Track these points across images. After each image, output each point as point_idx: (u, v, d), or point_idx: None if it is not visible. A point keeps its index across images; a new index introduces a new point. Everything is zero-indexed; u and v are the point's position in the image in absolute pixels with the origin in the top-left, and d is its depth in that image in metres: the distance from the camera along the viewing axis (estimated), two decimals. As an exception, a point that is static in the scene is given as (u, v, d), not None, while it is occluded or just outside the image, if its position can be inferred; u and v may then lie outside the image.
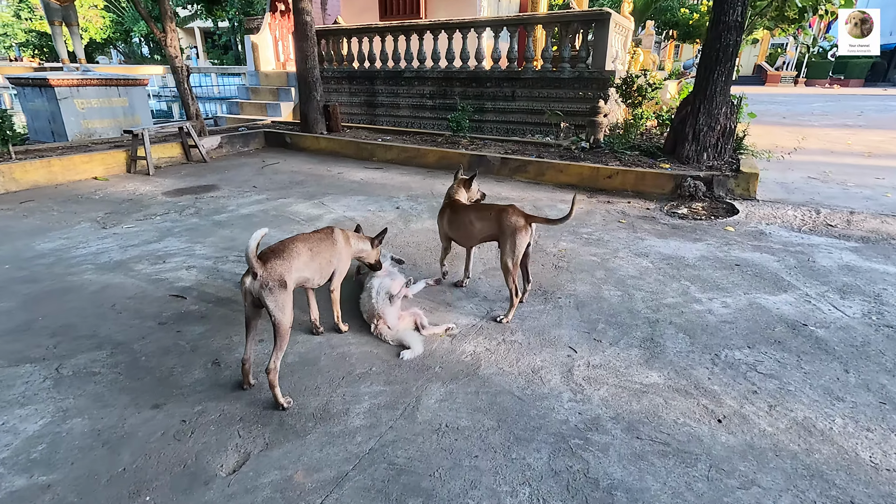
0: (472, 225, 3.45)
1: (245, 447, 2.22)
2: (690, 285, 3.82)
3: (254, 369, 2.61)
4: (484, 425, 2.37)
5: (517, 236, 3.27)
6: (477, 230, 3.46)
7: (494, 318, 3.37)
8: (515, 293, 3.33)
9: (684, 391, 2.61)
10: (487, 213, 3.43)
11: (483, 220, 3.42)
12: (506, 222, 3.31)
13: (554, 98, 9.23)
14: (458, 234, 3.60)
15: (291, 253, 2.53)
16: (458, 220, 3.55)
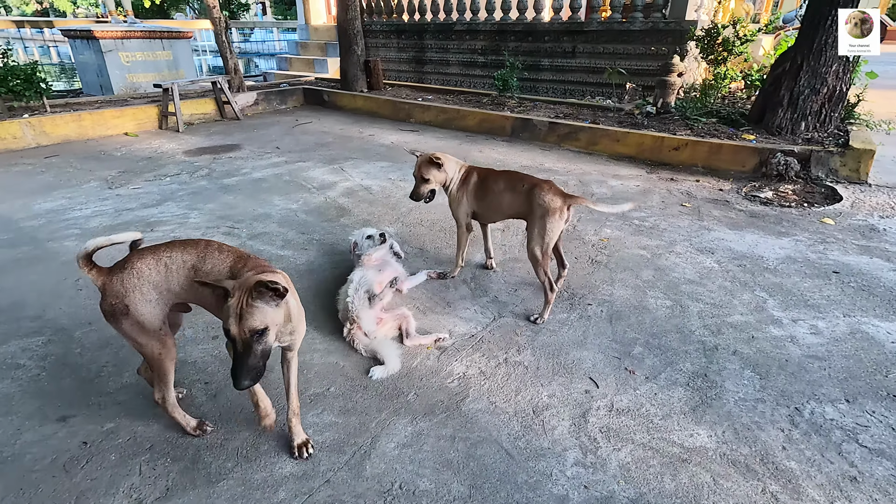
0: (501, 195, 2.81)
1: (140, 492, 1.74)
2: (768, 298, 2.92)
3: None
4: (451, 492, 1.75)
5: (549, 219, 2.59)
6: (505, 204, 2.81)
7: (528, 318, 2.75)
8: (550, 287, 2.68)
9: (744, 466, 1.84)
10: (520, 183, 2.75)
11: (513, 193, 2.76)
12: (538, 200, 2.62)
13: (620, 54, 7.99)
14: (482, 205, 2.93)
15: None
16: (485, 187, 2.89)
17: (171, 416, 1.91)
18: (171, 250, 1.77)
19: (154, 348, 1.76)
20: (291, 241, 3.72)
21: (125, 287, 1.69)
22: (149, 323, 1.73)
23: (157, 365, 1.80)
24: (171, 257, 1.75)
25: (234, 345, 1.50)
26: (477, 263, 3.39)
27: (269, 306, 1.52)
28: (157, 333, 1.75)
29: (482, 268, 3.32)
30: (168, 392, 1.86)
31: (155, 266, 1.73)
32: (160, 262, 1.74)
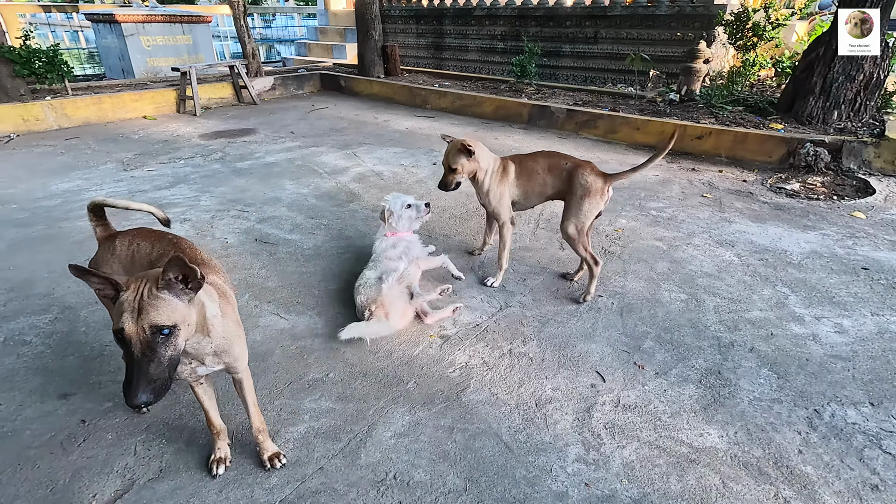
0: (544, 177, 2.72)
1: (133, 472, 1.73)
2: (790, 294, 2.78)
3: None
4: (446, 484, 1.70)
5: (589, 199, 2.58)
6: (549, 185, 2.72)
7: (575, 300, 2.73)
8: (594, 261, 2.66)
9: (757, 469, 1.75)
10: (562, 162, 2.68)
11: (554, 173, 2.69)
12: (580, 180, 2.58)
13: (644, 40, 7.73)
14: (523, 192, 2.80)
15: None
16: (527, 173, 2.77)
17: None
18: (143, 239, 1.73)
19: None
20: (300, 226, 3.69)
21: (103, 258, 1.72)
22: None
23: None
24: (140, 246, 1.70)
25: (128, 348, 1.18)
26: (484, 255, 3.31)
27: (180, 300, 1.24)
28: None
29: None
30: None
31: (127, 249, 1.70)
32: (131, 247, 1.71)
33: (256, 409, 1.74)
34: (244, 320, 2.53)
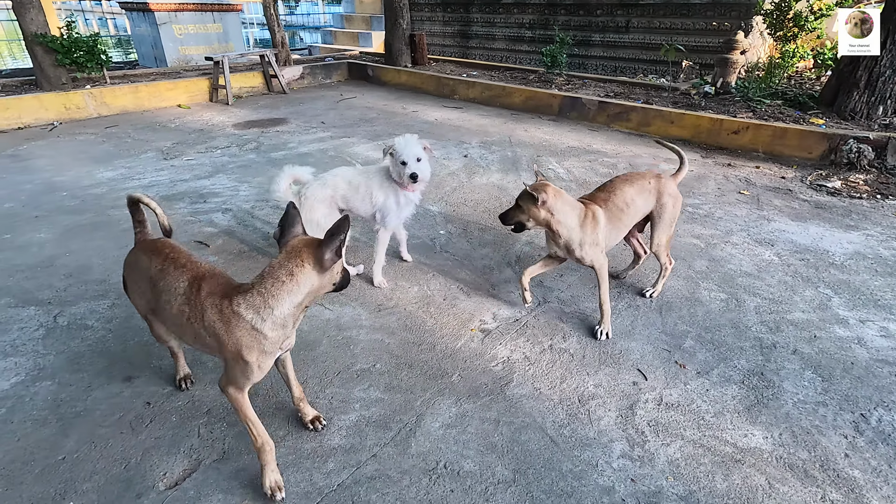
0: (633, 207, 2.49)
1: (199, 452, 1.84)
2: (833, 296, 2.75)
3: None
4: (495, 474, 1.76)
5: (676, 207, 2.60)
6: (640, 212, 2.54)
7: (641, 293, 2.78)
8: (670, 262, 2.73)
9: (803, 471, 1.77)
10: (645, 182, 2.54)
11: (643, 195, 2.52)
12: (668, 192, 2.56)
13: (678, 29, 7.56)
14: (620, 227, 2.50)
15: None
16: (617, 209, 2.45)
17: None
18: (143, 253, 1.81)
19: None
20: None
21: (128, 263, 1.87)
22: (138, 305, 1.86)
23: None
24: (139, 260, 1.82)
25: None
26: (520, 250, 3.34)
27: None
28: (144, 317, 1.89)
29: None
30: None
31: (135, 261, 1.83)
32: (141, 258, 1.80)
33: (297, 382, 1.91)
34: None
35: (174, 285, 1.63)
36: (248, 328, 1.48)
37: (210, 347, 1.61)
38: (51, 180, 4.38)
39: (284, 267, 1.46)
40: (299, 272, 1.46)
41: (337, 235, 1.44)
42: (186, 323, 1.59)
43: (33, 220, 3.62)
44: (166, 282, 1.65)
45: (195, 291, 1.58)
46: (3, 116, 5.91)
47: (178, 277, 1.64)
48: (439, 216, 3.79)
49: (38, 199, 3.98)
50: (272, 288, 1.46)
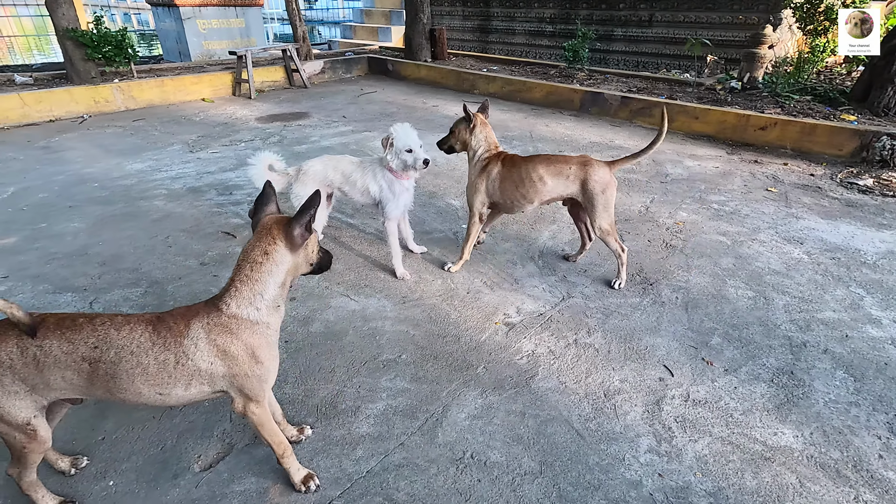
0: (543, 182, 2.64)
1: (231, 437, 1.88)
2: (865, 295, 2.70)
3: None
4: (521, 466, 1.77)
5: (608, 192, 2.60)
6: (547, 189, 2.66)
7: (609, 284, 2.81)
8: (622, 249, 2.72)
9: (835, 471, 1.74)
10: (564, 167, 2.63)
11: (558, 177, 2.64)
12: (594, 178, 2.58)
13: (703, 23, 7.43)
14: (515, 194, 2.70)
15: (17, 350, 1.30)
16: (517, 176, 2.67)
17: (24, 493, 1.55)
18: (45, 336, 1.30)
19: (19, 440, 1.40)
20: (360, 210, 3.79)
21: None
22: (10, 416, 1.35)
23: (18, 454, 1.45)
24: (43, 348, 1.30)
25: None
26: (543, 244, 3.33)
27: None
28: (21, 427, 1.38)
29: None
30: (26, 474, 1.51)
31: (19, 355, 1.30)
32: (27, 352, 1.30)
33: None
34: (317, 300, 2.67)
35: (128, 343, 1.33)
36: (250, 325, 1.40)
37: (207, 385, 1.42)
38: (81, 172, 4.50)
39: (258, 247, 1.41)
40: (273, 250, 1.41)
41: (307, 211, 1.40)
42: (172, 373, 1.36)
43: (67, 210, 3.73)
44: (112, 347, 1.32)
45: (167, 332, 1.36)
46: (36, 109, 6.07)
47: (127, 335, 1.34)
48: (461, 210, 3.80)
49: (70, 190, 4.10)
50: (252, 273, 1.40)
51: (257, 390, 1.47)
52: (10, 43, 14.38)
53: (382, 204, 2.80)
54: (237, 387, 1.45)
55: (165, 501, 1.65)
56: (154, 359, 1.34)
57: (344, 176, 2.84)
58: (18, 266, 2.99)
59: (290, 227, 1.42)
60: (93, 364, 1.31)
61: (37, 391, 1.34)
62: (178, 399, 1.42)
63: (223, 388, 1.45)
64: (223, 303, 1.40)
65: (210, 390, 1.44)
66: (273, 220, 1.46)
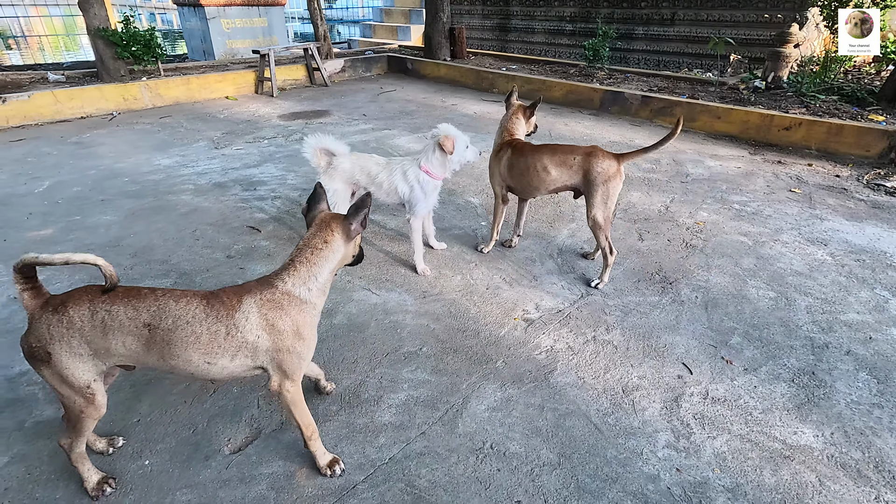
0: (546, 172, 2.72)
1: (259, 422, 1.96)
2: (891, 298, 2.66)
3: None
4: (540, 457, 1.81)
5: (611, 184, 2.61)
6: (552, 179, 2.73)
7: (588, 283, 2.83)
8: (610, 250, 2.73)
9: (855, 471, 1.74)
10: (569, 157, 2.69)
11: (562, 167, 2.70)
12: (596, 169, 2.61)
13: (727, 22, 7.34)
14: (522, 182, 2.85)
15: (87, 313, 1.40)
16: (523, 164, 2.79)
17: (73, 465, 1.64)
18: (114, 302, 1.43)
19: (77, 403, 1.49)
20: (380, 206, 3.85)
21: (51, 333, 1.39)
22: (74, 377, 1.44)
23: (76, 419, 1.53)
24: (111, 313, 1.41)
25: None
26: (562, 242, 3.35)
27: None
28: (82, 390, 1.47)
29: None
30: (78, 443, 1.60)
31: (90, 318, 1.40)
32: (96, 316, 1.41)
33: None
34: (340, 293, 2.74)
35: (185, 314, 1.44)
36: (300, 303, 1.52)
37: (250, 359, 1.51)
38: (113, 166, 4.65)
39: (318, 237, 1.58)
40: (332, 240, 1.58)
41: (361, 209, 1.59)
42: (222, 343, 1.46)
43: (100, 204, 3.86)
44: (170, 316, 1.43)
45: (220, 306, 1.47)
46: (68, 106, 6.28)
47: (184, 306, 1.45)
48: (480, 208, 3.84)
49: (102, 184, 4.24)
50: (312, 257, 1.56)
51: (295, 367, 1.57)
52: (41, 42, 14.85)
53: (412, 203, 2.83)
54: (277, 362, 1.55)
55: (198, 481, 1.72)
56: (207, 329, 1.45)
57: (370, 177, 2.86)
58: (55, 256, 3.12)
59: (348, 222, 1.60)
60: (152, 330, 1.43)
61: (98, 356, 1.45)
62: (222, 370, 1.52)
63: (263, 365, 1.55)
64: (279, 280, 1.53)
65: (251, 364, 1.54)
66: (331, 216, 1.63)
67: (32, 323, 1.41)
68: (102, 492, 1.66)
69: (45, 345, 1.39)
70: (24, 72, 7.54)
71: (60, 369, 1.42)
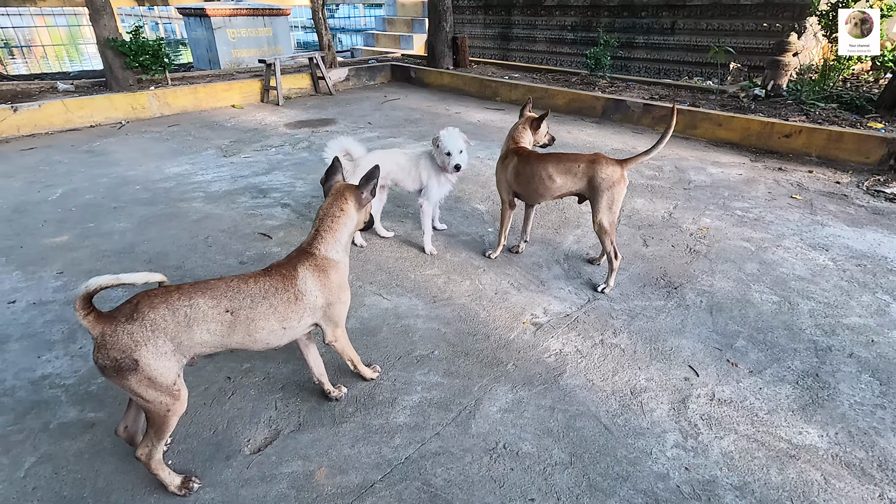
0: (551, 180, 2.79)
1: (277, 423, 2.01)
2: (892, 302, 2.72)
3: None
4: (552, 457, 1.85)
5: (615, 190, 2.68)
6: (557, 186, 2.80)
7: (594, 287, 2.89)
8: (615, 255, 2.79)
9: (860, 469, 1.79)
10: (573, 165, 2.75)
11: (567, 175, 2.76)
12: (600, 176, 2.67)
13: (727, 31, 7.44)
14: (528, 188, 2.91)
15: (168, 311, 1.50)
16: (529, 172, 2.85)
17: (153, 473, 1.66)
18: (191, 296, 1.55)
19: (165, 403, 1.55)
20: (389, 213, 3.92)
21: (134, 340, 1.45)
22: (162, 377, 1.51)
23: (163, 423, 1.58)
24: (192, 306, 1.53)
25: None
26: (568, 248, 3.42)
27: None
28: (169, 388, 1.54)
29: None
30: (158, 449, 1.64)
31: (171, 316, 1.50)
32: (178, 313, 1.51)
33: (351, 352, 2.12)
34: (351, 298, 2.80)
35: (258, 292, 1.64)
36: (335, 263, 1.80)
37: (310, 317, 1.77)
38: (124, 174, 4.72)
39: (335, 205, 1.83)
40: (347, 207, 1.84)
41: (371, 180, 1.85)
42: (294, 308, 1.70)
43: (113, 211, 3.93)
44: (247, 296, 1.62)
45: (281, 277, 1.70)
46: (78, 115, 6.37)
47: (255, 285, 1.65)
48: (486, 214, 3.90)
49: (114, 192, 4.31)
50: (332, 223, 1.81)
51: (342, 316, 1.89)
52: (44, 52, 15.00)
53: (427, 188, 3.14)
54: (329, 315, 1.83)
55: (220, 480, 1.77)
56: (280, 299, 1.68)
57: (398, 166, 3.15)
58: (72, 262, 3.18)
59: (360, 191, 1.86)
60: (234, 313, 1.60)
61: (180, 349, 1.54)
62: (293, 332, 1.76)
63: (317, 321, 1.82)
64: (314, 248, 1.79)
65: (310, 322, 1.79)
66: (345, 186, 1.88)
67: (108, 338, 1.44)
68: (189, 489, 1.71)
69: (131, 353, 1.44)
70: (33, 81, 7.66)
71: (150, 373, 1.48)
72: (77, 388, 2.19)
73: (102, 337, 1.44)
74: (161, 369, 1.50)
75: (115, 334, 1.44)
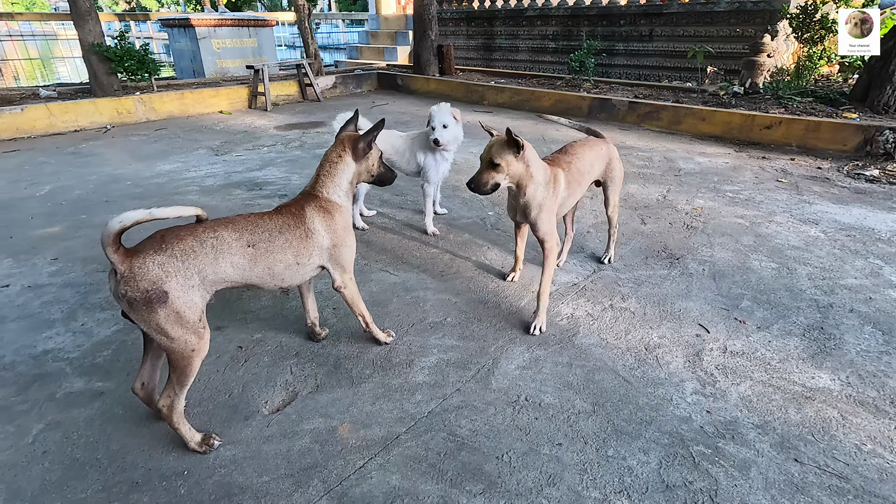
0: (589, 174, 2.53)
1: (294, 386, 1.97)
2: (884, 265, 2.82)
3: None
4: (574, 406, 1.86)
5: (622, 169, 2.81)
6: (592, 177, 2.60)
7: (598, 260, 2.95)
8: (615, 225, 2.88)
9: (874, 406, 1.83)
10: (599, 148, 2.64)
11: (599, 161, 2.63)
12: (615, 157, 2.73)
13: (702, 37, 7.74)
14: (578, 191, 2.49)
15: (196, 242, 1.52)
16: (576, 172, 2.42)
17: (174, 426, 1.61)
18: (216, 229, 1.60)
19: (190, 343, 1.51)
20: (387, 201, 3.93)
21: (165, 271, 1.43)
22: (190, 311, 1.49)
23: (186, 367, 1.54)
24: (218, 238, 1.57)
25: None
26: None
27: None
28: (195, 325, 1.51)
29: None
30: (181, 398, 1.59)
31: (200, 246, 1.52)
32: (205, 244, 1.54)
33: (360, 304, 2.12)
34: (357, 275, 2.79)
35: (275, 227, 1.70)
36: (338, 206, 1.86)
37: (318, 257, 1.82)
38: (113, 173, 4.64)
39: (334, 152, 1.91)
40: (343, 155, 1.90)
41: (371, 132, 1.90)
42: (306, 244, 1.77)
43: (104, 204, 3.85)
44: (266, 231, 1.67)
45: (292, 216, 1.77)
46: (62, 120, 6.26)
47: (270, 221, 1.71)
48: (486, 200, 3.94)
49: (104, 188, 4.23)
50: (331, 168, 1.89)
51: (349, 260, 1.93)
52: (15, 70, 14.70)
53: (425, 170, 3.16)
54: (335, 258, 1.88)
55: (240, 438, 1.72)
56: (294, 234, 1.74)
57: (394, 148, 3.17)
58: (66, 250, 3.10)
59: (357, 141, 1.89)
60: (255, 246, 1.64)
61: (205, 284, 1.53)
62: (305, 271, 1.81)
63: (323, 264, 1.87)
64: (317, 191, 1.86)
65: (318, 263, 1.84)
66: (346, 135, 1.95)
67: (138, 269, 1.41)
68: (210, 446, 1.66)
69: (161, 284, 1.43)
70: (13, 91, 7.51)
71: (178, 306, 1.45)
72: (82, 361, 2.12)
73: (131, 269, 1.41)
74: (189, 303, 1.49)
75: (146, 265, 1.42)
